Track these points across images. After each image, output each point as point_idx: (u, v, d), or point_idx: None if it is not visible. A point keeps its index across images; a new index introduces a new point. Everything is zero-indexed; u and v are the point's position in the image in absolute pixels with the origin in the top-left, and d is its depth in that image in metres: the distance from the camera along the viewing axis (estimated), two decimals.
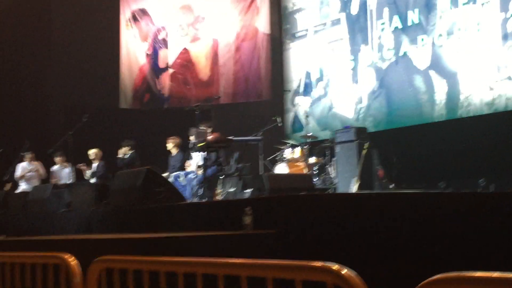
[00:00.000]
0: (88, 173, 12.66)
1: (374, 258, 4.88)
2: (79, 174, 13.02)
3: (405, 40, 12.80)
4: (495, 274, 1.69)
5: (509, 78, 10.90)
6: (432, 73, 12.22)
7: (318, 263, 2.06)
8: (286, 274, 2.22)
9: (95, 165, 12.94)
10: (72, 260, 3.32)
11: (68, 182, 12.49)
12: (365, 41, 13.79)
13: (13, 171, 13.06)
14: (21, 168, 13.17)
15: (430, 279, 1.80)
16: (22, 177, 13.11)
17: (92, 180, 12.39)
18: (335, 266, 1.99)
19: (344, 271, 1.95)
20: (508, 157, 10.29)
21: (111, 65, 16.77)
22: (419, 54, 12.48)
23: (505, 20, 10.96)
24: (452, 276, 1.76)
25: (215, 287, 2.52)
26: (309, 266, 2.10)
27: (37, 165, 13.35)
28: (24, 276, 3.67)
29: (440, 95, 12.05)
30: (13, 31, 16.18)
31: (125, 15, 17.44)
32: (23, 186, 12.97)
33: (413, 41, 12.61)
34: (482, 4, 11.32)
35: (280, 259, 2.39)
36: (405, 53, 12.80)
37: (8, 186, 12.69)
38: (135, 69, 17.33)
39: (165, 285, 2.80)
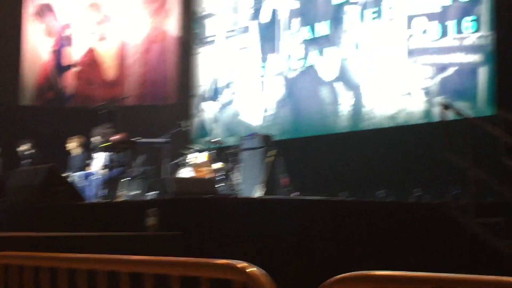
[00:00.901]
0: None
1: (279, 258, 4.93)
2: None
3: (313, 51, 13.01)
4: (397, 273, 1.73)
5: (409, 93, 11.27)
6: (337, 85, 12.48)
7: (224, 261, 2.04)
8: (191, 272, 2.19)
9: None
10: None
11: None
12: (274, 50, 13.93)
13: None
14: None
15: (334, 277, 1.82)
16: None
17: None
18: (241, 264, 1.97)
19: (250, 268, 1.94)
20: (407, 169, 10.63)
21: (10, 60, 16.17)
22: (326, 66, 12.72)
23: (410, 37, 11.33)
24: (355, 275, 1.79)
25: (119, 286, 2.46)
26: (214, 263, 2.08)
27: None
28: None
29: (345, 107, 12.32)
30: None
31: (28, 10, 16.89)
32: None
33: (321, 52, 12.84)
34: (390, 19, 11.66)
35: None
36: (312, 65, 13.02)
37: None
38: (37, 66, 16.82)
39: (65, 283, 2.71)
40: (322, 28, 12.88)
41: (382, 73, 11.72)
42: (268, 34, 14.13)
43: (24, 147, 12.28)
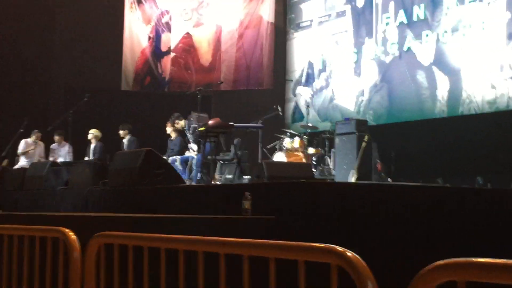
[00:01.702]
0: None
1: (374, 244, 4.90)
2: (77, 153, 13.04)
3: (409, 35, 12.77)
4: (500, 261, 1.69)
5: (511, 78, 10.89)
6: (435, 69, 12.21)
7: (323, 245, 2.06)
8: (289, 255, 2.22)
9: (92, 145, 12.96)
10: (72, 235, 3.31)
11: (66, 160, 12.49)
12: (369, 34, 13.77)
13: (13, 147, 13.05)
14: (25, 143, 13.17)
15: (432, 264, 1.80)
16: (24, 152, 13.11)
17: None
18: (340, 248, 1.99)
19: (349, 253, 1.95)
20: (507, 156, 10.30)
21: (114, 47, 16.73)
22: (423, 50, 12.46)
23: (511, 20, 10.94)
24: (454, 262, 1.76)
25: (216, 267, 2.52)
26: (313, 247, 2.10)
27: (40, 144, 13.36)
28: (21, 248, 3.66)
29: (442, 92, 12.04)
30: (17, 11, 16.12)
31: None
32: (22, 162, 12.96)
33: (418, 36, 12.59)
34: (488, 3, 11.30)
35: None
36: (409, 48, 12.78)
37: (5, 162, 12.68)
38: (137, 52, 17.28)
39: (165, 262, 2.79)
40: (419, 11, 12.61)
41: (480, 57, 11.37)
42: (364, 18, 13.97)
43: (124, 132, 12.71)
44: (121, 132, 12.78)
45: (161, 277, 2.76)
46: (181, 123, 11.85)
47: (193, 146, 11.22)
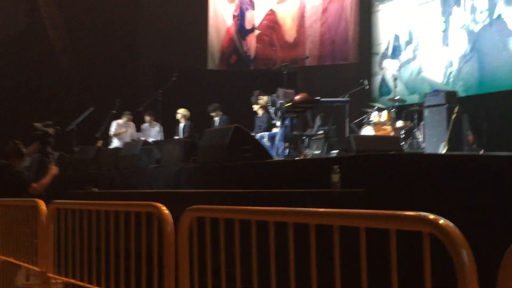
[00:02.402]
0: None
1: (467, 216, 4.81)
2: (167, 132, 13.33)
3: (500, 1, 12.32)
4: None
5: None
6: None
7: (414, 213, 2.04)
8: (380, 224, 2.21)
9: (182, 124, 13.20)
10: (165, 209, 3.41)
11: (157, 139, 12.78)
12: (457, 2, 13.37)
13: (106, 128, 13.45)
14: (116, 125, 13.56)
15: None
16: (116, 134, 13.50)
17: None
18: (432, 216, 1.96)
19: (441, 220, 1.92)
20: None
21: (199, 27, 16.93)
22: None
23: None
24: None
25: (307, 238, 2.53)
26: (404, 215, 2.08)
27: (131, 125, 13.72)
28: (118, 223, 3.80)
29: None
30: None
31: None
32: (115, 143, 13.36)
33: (509, 2, 12.13)
34: None
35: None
36: (499, 15, 12.34)
37: (100, 143, 13.08)
38: (222, 31, 17.42)
39: (255, 234, 2.83)
40: None
41: None
42: None
43: (216, 112, 12.89)
44: (212, 113, 12.99)
45: (252, 249, 2.81)
46: (264, 99, 11.89)
47: (277, 122, 11.25)
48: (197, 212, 3.22)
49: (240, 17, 17.31)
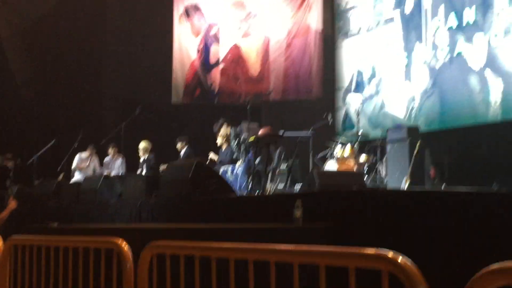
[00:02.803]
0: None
1: (428, 251, 4.82)
2: (130, 165, 13.22)
3: (460, 39, 12.57)
4: None
5: None
6: (487, 73, 11.98)
7: (372, 250, 2.03)
8: (339, 261, 2.20)
9: (144, 157, 13.12)
10: (125, 245, 3.36)
11: (120, 173, 12.68)
12: (419, 39, 13.61)
13: (68, 161, 13.30)
14: (79, 158, 13.43)
15: (485, 269, 1.76)
16: (79, 168, 13.36)
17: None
18: (390, 253, 1.96)
19: (400, 258, 1.92)
20: None
21: (164, 60, 16.95)
22: (474, 54, 12.25)
23: None
24: (507, 267, 1.72)
25: (267, 275, 2.51)
26: (362, 253, 2.08)
27: (94, 159, 13.60)
28: (76, 259, 3.73)
29: (495, 96, 11.80)
30: (69, 25, 16.49)
31: (178, 10, 17.58)
32: (77, 177, 13.21)
33: (469, 39, 12.38)
34: None
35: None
36: (459, 53, 12.58)
37: (61, 176, 12.93)
38: (186, 64, 17.46)
39: (215, 271, 2.80)
40: (470, 13, 12.40)
41: None
42: (412, 23, 13.82)
43: (182, 144, 12.82)
44: (178, 144, 12.89)
45: (212, 286, 2.77)
46: (227, 130, 11.88)
47: (242, 156, 11.25)
48: (157, 249, 3.19)
49: (204, 51, 17.37)
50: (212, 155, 12.38)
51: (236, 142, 11.42)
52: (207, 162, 11.97)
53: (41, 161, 12.83)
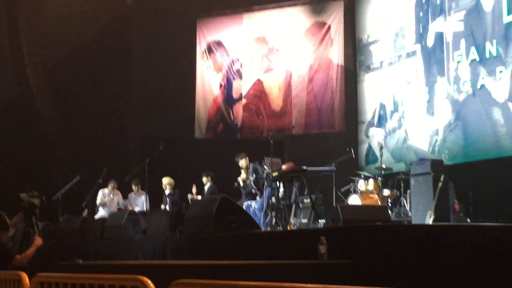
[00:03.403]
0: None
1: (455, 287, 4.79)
2: (154, 201, 13.27)
3: (482, 72, 12.56)
4: None
5: None
6: (511, 105, 11.93)
7: None
8: None
9: (167, 192, 13.17)
10: (150, 284, 3.37)
11: (144, 209, 12.73)
12: (441, 72, 13.61)
13: (92, 197, 13.38)
14: (102, 194, 13.51)
15: None
16: (102, 203, 13.43)
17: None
18: None
19: None
20: None
21: (187, 96, 17.11)
22: (497, 86, 12.22)
23: None
24: None
25: None
26: None
27: (117, 193, 13.68)
28: None
29: None
30: (95, 62, 16.75)
31: (201, 47, 17.80)
32: (101, 213, 13.28)
33: (491, 73, 12.36)
34: None
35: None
36: (482, 85, 12.55)
37: (85, 212, 13.01)
38: (209, 100, 17.61)
39: None
40: (491, 47, 12.40)
41: None
42: (434, 57, 13.83)
43: (207, 178, 12.87)
44: (204, 179, 12.95)
45: None
46: (242, 162, 11.91)
47: (266, 191, 11.25)
48: (184, 286, 3.19)
49: (227, 86, 17.52)
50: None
51: (254, 177, 11.45)
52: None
53: (66, 197, 12.93)
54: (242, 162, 12.02)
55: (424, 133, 13.90)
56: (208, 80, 17.66)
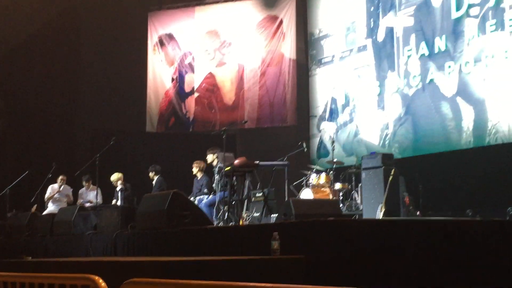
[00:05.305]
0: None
1: (405, 281, 4.84)
2: (106, 197, 13.10)
3: (432, 67, 12.75)
4: None
5: None
6: (459, 100, 12.15)
7: None
8: None
9: (118, 188, 13.00)
10: (102, 282, 3.32)
11: (96, 203, 12.55)
12: (391, 67, 13.77)
13: (41, 192, 13.14)
14: (51, 189, 13.27)
15: None
16: (50, 198, 13.20)
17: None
18: None
19: None
20: None
21: (138, 90, 16.96)
22: (446, 81, 12.42)
23: None
24: None
25: None
26: None
27: (67, 188, 13.45)
28: None
29: (467, 123, 11.96)
30: (42, 54, 16.44)
31: (152, 40, 17.65)
32: (50, 208, 13.05)
33: (440, 68, 12.56)
34: (511, 32, 11.26)
35: (309, 285, 2.36)
36: (431, 80, 12.74)
37: (34, 208, 12.77)
38: (161, 93, 17.48)
39: None
40: (440, 43, 12.60)
41: (505, 86, 11.29)
42: (385, 52, 13.99)
43: (153, 173, 12.73)
44: (150, 173, 12.82)
45: None
46: (208, 156, 11.74)
47: (218, 186, 11.19)
48: (135, 286, 3.15)
49: (179, 80, 17.41)
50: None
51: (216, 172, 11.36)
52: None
53: (13, 193, 12.67)
54: (209, 157, 11.79)
55: (375, 127, 14.06)
56: (160, 74, 17.53)
